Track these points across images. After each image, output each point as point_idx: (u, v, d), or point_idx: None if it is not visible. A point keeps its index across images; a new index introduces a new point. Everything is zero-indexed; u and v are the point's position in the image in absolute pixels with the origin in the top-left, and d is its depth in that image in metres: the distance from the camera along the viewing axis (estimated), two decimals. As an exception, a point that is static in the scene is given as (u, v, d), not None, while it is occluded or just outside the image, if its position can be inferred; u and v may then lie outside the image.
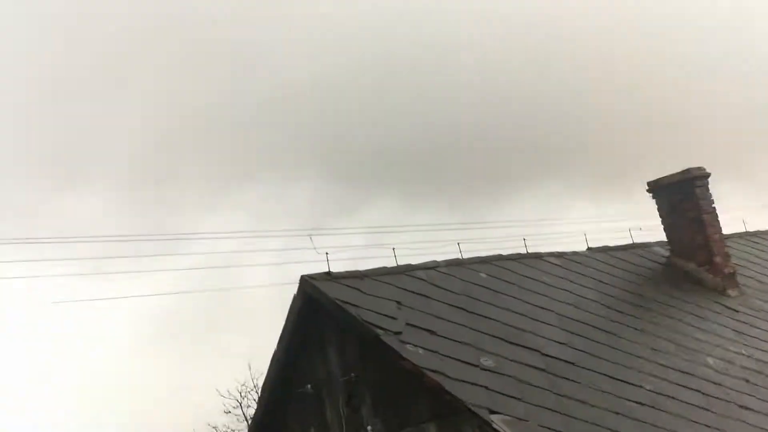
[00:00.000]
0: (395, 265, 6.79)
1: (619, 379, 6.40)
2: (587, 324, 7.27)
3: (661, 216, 9.37)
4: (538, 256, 8.39)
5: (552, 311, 7.19)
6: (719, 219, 9.16)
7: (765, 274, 9.60)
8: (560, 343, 6.60)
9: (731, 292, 8.89)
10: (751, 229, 10.82)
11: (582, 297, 8.00)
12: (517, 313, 6.82)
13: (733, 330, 8.32)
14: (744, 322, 8.53)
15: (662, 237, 9.52)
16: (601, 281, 8.54)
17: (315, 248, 6.29)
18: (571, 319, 7.25)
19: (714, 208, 9.10)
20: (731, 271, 8.96)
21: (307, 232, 7.03)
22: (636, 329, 7.63)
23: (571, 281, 8.24)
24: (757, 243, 10.34)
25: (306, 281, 5.94)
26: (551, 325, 6.90)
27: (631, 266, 8.97)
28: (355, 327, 5.66)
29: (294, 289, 6.06)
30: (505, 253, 8.08)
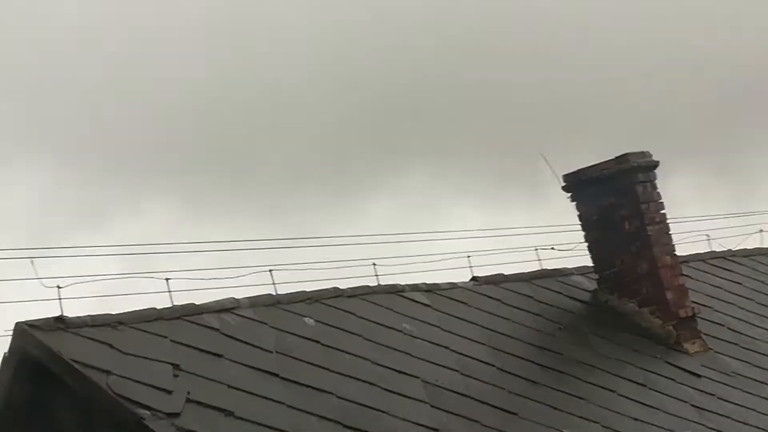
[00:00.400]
0: (170, 305, 4.97)
1: None
2: (471, 398, 5.30)
3: (583, 228, 6.50)
4: (395, 290, 5.88)
5: (417, 378, 5.22)
6: (671, 232, 6.30)
7: (739, 318, 6.67)
8: (431, 429, 4.94)
9: (689, 345, 6.16)
10: (717, 246, 7.85)
11: (463, 355, 5.56)
12: (363, 381, 4.99)
13: (693, 406, 5.71)
14: (708, 393, 5.87)
15: (585, 260, 6.64)
16: (492, 330, 5.87)
17: (39, 278, 4.75)
18: (447, 390, 5.32)
19: (664, 215, 6.25)
20: (690, 313, 6.14)
21: (26, 251, 5.12)
22: (547, 407, 5.33)
23: (446, 330, 5.70)
24: (728, 269, 7.34)
25: (24, 332, 4.36)
26: (416, 399, 5.10)
27: (537, 306, 6.27)
28: (105, 405, 4.20)
29: (3, 344, 4.49)
30: (344, 285, 5.74)
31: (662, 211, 6.28)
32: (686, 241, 7.04)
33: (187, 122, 14.29)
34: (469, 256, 5.90)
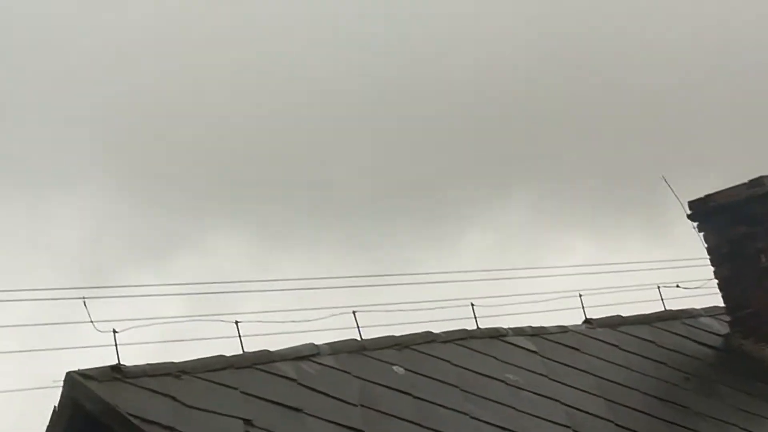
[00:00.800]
0: (241, 352, 4.66)
1: None
2: None
3: (712, 262, 5.85)
4: (497, 334, 5.50)
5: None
6: None
7: None
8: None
9: None
10: None
11: (574, 409, 5.01)
12: (463, 439, 4.90)
13: None
14: None
15: (716, 299, 6.03)
16: (607, 380, 5.30)
17: (93, 321, 4.51)
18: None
19: None
20: None
21: (78, 290, 4.95)
22: None
23: (554, 380, 5.20)
24: None
25: (76, 382, 3.92)
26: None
27: (659, 352, 5.69)
28: (167, 467, 3.93)
29: (53, 395, 4.09)
30: (438, 329, 5.36)
31: None
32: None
33: (260, 148, 13.28)
34: (580, 295, 5.33)
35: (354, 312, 4.67)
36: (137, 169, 13.15)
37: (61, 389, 4.09)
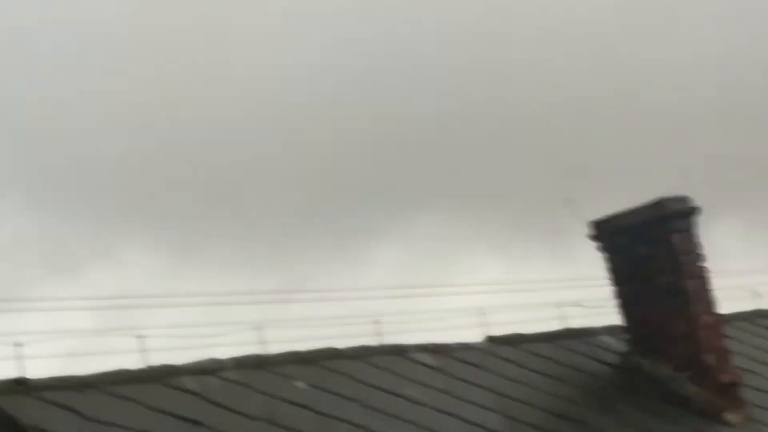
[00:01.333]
0: (145, 366, 4.64)
1: None
2: None
3: (613, 282, 6.01)
4: (399, 350, 5.49)
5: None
6: (712, 287, 5.80)
7: None
8: None
9: (732, 416, 5.58)
10: (765, 304, 7.21)
11: (474, 425, 5.07)
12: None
13: None
14: None
15: (615, 319, 6.14)
16: (507, 397, 5.42)
17: None
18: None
19: (705, 268, 5.74)
20: (733, 379, 5.58)
21: None
22: None
23: (455, 397, 5.26)
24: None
25: None
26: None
27: (559, 369, 5.83)
28: (69, 478, 3.93)
29: None
30: (341, 344, 5.37)
31: (703, 264, 5.75)
32: (730, 297, 6.42)
33: (172, 163, 13.29)
34: (483, 313, 5.38)
35: (259, 327, 4.72)
36: (49, 182, 12.95)
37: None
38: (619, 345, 6.08)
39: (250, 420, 4.38)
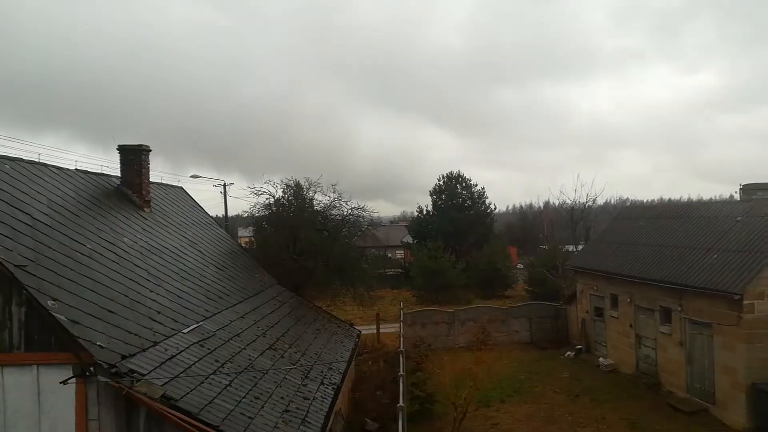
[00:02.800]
0: None
1: (75, 245, 13.94)
2: (50, 227, 11.79)
3: (122, 165, 17.49)
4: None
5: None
6: (149, 175, 17.93)
7: (164, 205, 18.87)
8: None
9: (146, 209, 17.62)
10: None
11: (47, 204, 15.07)
12: None
13: (142, 227, 16.92)
14: (149, 224, 17.31)
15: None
16: (58, 194, 15.85)
17: None
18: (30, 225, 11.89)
19: (149, 167, 17.86)
20: (148, 199, 17.74)
21: None
22: (93, 221, 15.15)
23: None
24: (165, 189, 19.73)
25: None
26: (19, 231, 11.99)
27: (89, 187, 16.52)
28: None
29: None
30: None
31: (148, 165, 18.04)
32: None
33: None
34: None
35: None
36: None
37: None
38: (118, 183, 17.58)
39: None
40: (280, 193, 27.87)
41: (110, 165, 16.76)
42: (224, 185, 42.40)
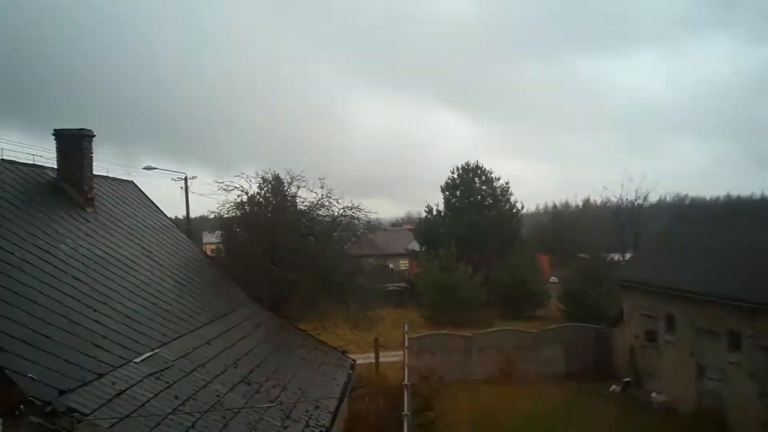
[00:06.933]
0: None
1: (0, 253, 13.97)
2: None
3: (59, 154, 17.58)
4: None
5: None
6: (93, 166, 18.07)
7: (111, 203, 18.97)
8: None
9: (89, 209, 17.69)
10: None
11: None
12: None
13: (84, 231, 16.97)
14: (93, 227, 17.37)
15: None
16: None
17: None
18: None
19: (92, 156, 17.97)
20: (92, 197, 17.84)
21: None
22: (23, 223, 15.15)
23: None
24: (113, 184, 19.84)
25: None
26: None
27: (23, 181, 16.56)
28: None
29: None
30: None
31: (92, 155, 18.08)
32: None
33: None
34: None
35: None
36: None
37: None
38: (54, 176, 17.68)
39: None
40: (255, 189, 27.90)
41: (46, 155, 17.31)
42: (185, 179, 42.36)
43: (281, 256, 26.69)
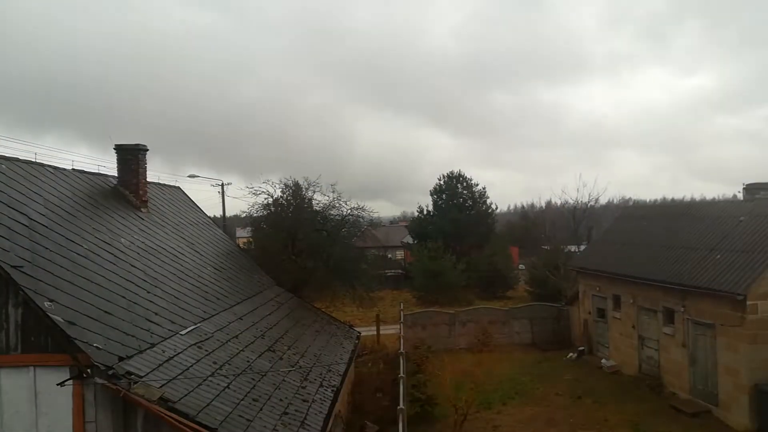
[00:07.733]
0: None
1: (71, 245, 13.97)
2: (46, 228, 12.03)
3: (119, 164, 17.55)
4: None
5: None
6: (146, 175, 18.04)
7: (161, 205, 18.91)
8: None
9: (143, 210, 17.68)
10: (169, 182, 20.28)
11: (46, 204, 15.04)
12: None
13: (139, 228, 16.98)
14: (146, 224, 17.36)
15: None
16: (57, 194, 15.90)
17: None
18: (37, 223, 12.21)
19: (146, 166, 17.95)
20: (145, 199, 17.82)
21: None
22: (89, 221, 15.12)
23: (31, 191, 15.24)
24: (163, 189, 19.78)
25: None
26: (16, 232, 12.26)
27: (87, 187, 16.58)
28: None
29: None
30: None
31: (145, 166, 18.08)
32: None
33: None
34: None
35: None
36: None
37: None
38: (115, 182, 17.63)
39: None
40: (278, 193, 27.95)
41: (108, 165, 17.41)
42: (222, 185, 42.46)
43: (300, 248, 26.79)
